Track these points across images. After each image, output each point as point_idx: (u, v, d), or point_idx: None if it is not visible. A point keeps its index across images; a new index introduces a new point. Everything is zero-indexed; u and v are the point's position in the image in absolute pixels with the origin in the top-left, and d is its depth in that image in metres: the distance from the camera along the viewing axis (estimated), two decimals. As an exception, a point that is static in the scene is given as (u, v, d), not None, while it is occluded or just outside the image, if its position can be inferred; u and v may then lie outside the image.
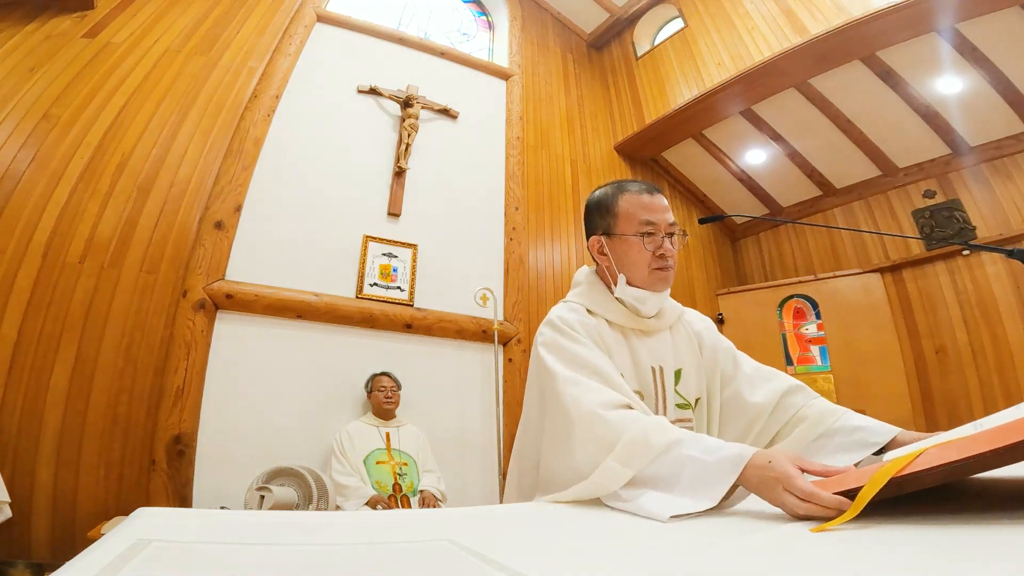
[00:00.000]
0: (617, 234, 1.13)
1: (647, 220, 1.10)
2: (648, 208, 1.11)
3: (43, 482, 2.53)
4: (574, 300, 1.18)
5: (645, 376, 1.10)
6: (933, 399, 4.11)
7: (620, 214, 1.13)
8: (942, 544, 0.42)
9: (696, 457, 0.76)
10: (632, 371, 1.09)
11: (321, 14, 4.11)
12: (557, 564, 0.48)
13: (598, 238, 1.17)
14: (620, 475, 0.79)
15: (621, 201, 1.13)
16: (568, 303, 1.17)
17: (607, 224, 1.15)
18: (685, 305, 1.31)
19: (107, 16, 3.46)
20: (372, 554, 0.49)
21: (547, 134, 4.90)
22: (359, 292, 3.50)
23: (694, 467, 0.75)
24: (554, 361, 0.99)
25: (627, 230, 1.12)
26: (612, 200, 1.15)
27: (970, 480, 0.60)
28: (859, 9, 3.68)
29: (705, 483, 0.72)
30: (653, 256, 1.11)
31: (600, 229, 1.17)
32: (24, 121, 2.98)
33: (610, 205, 1.15)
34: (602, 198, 1.18)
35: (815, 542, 0.48)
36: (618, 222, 1.13)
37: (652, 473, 0.78)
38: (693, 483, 0.73)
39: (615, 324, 1.13)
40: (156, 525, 0.54)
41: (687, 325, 1.24)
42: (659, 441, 0.80)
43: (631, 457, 0.80)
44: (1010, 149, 4.13)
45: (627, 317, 1.14)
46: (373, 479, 2.86)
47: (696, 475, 0.74)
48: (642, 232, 1.10)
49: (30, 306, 2.71)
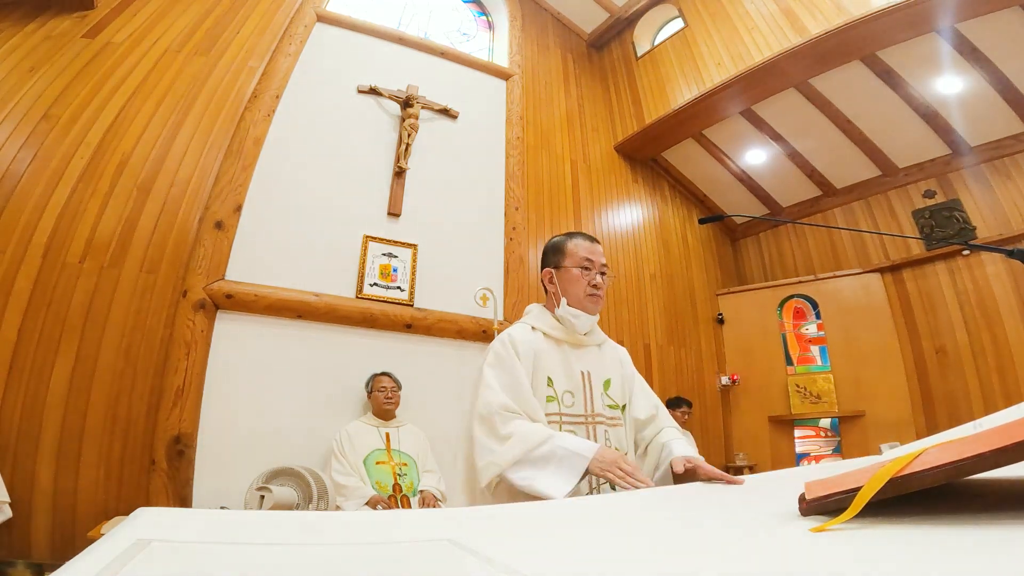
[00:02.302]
0: (564, 267, 1.49)
1: (586, 258, 1.48)
2: (589, 251, 1.49)
3: (43, 482, 2.53)
4: (523, 321, 1.52)
5: (575, 377, 1.43)
6: (933, 399, 4.11)
7: (567, 253, 1.50)
8: (942, 544, 0.42)
9: (562, 446, 1.19)
10: (563, 372, 1.42)
11: (321, 14, 4.11)
12: (557, 564, 0.48)
13: (549, 270, 1.52)
14: (511, 455, 1.20)
15: (569, 244, 1.51)
16: (519, 323, 1.52)
17: (557, 260, 1.51)
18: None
19: (107, 16, 3.46)
20: (372, 554, 0.49)
21: (547, 134, 4.90)
22: (359, 292, 3.50)
23: (561, 454, 1.18)
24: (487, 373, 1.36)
25: (571, 264, 1.48)
26: (563, 243, 1.52)
27: (970, 480, 0.60)
28: (859, 9, 3.68)
29: (570, 463, 1.17)
30: (588, 284, 1.46)
31: (551, 264, 1.52)
32: (24, 121, 2.98)
33: (561, 247, 1.52)
34: (557, 242, 1.54)
35: (815, 542, 0.48)
36: (565, 259, 1.50)
37: (535, 457, 1.19)
38: (561, 463, 1.17)
39: (551, 337, 1.46)
40: (156, 525, 0.54)
41: (613, 349, 1.59)
42: (539, 434, 1.22)
43: (519, 443, 1.21)
44: (1010, 149, 4.13)
45: (564, 332, 1.48)
46: (373, 479, 2.86)
47: (562, 459, 1.18)
48: (582, 266, 1.47)
49: (30, 306, 2.71)
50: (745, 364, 4.98)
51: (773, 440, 4.66)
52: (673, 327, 4.91)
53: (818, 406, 4.53)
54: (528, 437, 1.21)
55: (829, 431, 4.50)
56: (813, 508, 0.57)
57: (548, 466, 1.17)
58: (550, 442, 1.20)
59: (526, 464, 1.19)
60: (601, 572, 0.45)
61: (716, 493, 0.96)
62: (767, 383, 4.80)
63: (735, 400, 4.94)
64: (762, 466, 4.56)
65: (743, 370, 4.96)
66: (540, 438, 1.21)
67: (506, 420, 1.25)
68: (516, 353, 1.37)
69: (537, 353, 1.40)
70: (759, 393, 4.83)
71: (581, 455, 1.17)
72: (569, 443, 1.20)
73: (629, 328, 4.63)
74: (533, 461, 1.19)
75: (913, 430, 4.04)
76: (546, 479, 1.16)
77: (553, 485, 1.14)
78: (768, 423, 4.71)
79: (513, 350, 1.38)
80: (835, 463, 2.74)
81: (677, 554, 0.51)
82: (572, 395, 1.39)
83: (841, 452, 4.38)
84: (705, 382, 4.93)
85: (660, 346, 4.75)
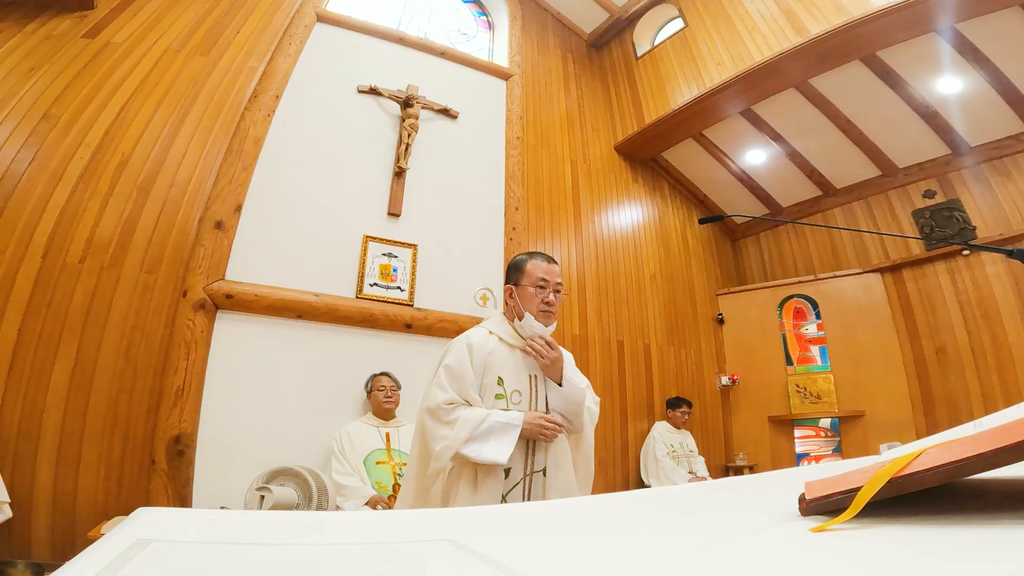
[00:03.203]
0: (522, 285, 1.72)
1: (542, 278, 1.71)
2: (545, 272, 1.71)
3: (43, 482, 2.53)
4: (483, 325, 1.76)
5: (523, 379, 1.67)
6: (933, 399, 4.11)
7: (525, 272, 1.73)
8: (942, 544, 0.42)
9: (498, 421, 1.53)
10: (513, 374, 1.66)
11: (321, 14, 4.11)
12: (557, 564, 0.48)
13: (510, 287, 1.75)
14: (462, 435, 1.50)
15: (528, 264, 1.74)
16: (479, 327, 1.75)
17: (516, 278, 1.74)
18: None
19: (107, 16, 3.46)
20: (372, 554, 0.49)
21: (547, 134, 4.90)
22: (359, 292, 3.50)
23: (498, 427, 1.52)
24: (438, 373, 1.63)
25: (527, 283, 1.71)
26: (523, 263, 1.75)
27: (970, 480, 0.60)
28: (859, 9, 3.68)
29: (507, 432, 1.51)
30: (541, 301, 1.70)
31: (512, 281, 1.75)
32: (24, 121, 2.98)
33: (521, 266, 1.75)
34: (517, 261, 1.77)
35: (815, 542, 0.48)
36: (523, 277, 1.73)
37: (479, 433, 1.51)
38: (500, 433, 1.51)
39: (506, 343, 1.70)
40: (156, 525, 0.54)
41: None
42: (479, 415, 1.54)
43: (464, 425, 1.52)
44: (1010, 149, 4.13)
45: (518, 340, 1.71)
46: (373, 479, 2.86)
47: (500, 430, 1.52)
48: (537, 285, 1.70)
49: (30, 306, 2.71)
50: (745, 364, 4.98)
51: (773, 440, 4.66)
52: (673, 327, 4.91)
53: (818, 406, 4.53)
54: (470, 419, 1.53)
55: (829, 431, 4.50)
56: (813, 508, 0.57)
57: (490, 438, 1.51)
58: (488, 419, 1.53)
59: (473, 440, 1.50)
60: (601, 572, 0.45)
61: (716, 493, 0.96)
62: (767, 383, 4.80)
63: (735, 400, 4.94)
64: (762, 466, 4.56)
65: (743, 370, 4.96)
66: (480, 417, 1.53)
67: (448, 411, 1.55)
68: (470, 356, 1.63)
69: (491, 355, 1.66)
70: (759, 393, 4.83)
71: (513, 424, 1.54)
72: (503, 417, 1.54)
73: (629, 328, 4.63)
74: (478, 437, 1.51)
75: (913, 430, 4.04)
76: (491, 448, 1.49)
77: (497, 451, 1.49)
78: (768, 423, 4.71)
79: (468, 354, 1.63)
80: (835, 463, 2.74)
81: (677, 553, 0.51)
82: (520, 394, 1.66)
83: (841, 452, 4.38)
84: (705, 382, 4.93)
85: (660, 346, 4.75)
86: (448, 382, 1.59)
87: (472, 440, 1.50)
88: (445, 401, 1.55)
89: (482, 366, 1.62)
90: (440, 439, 1.52)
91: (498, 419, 1.52)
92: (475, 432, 1.50)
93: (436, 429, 1.55)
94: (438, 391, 1.57)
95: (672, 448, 4.19)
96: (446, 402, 1.55)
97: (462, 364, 1.60)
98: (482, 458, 1.48)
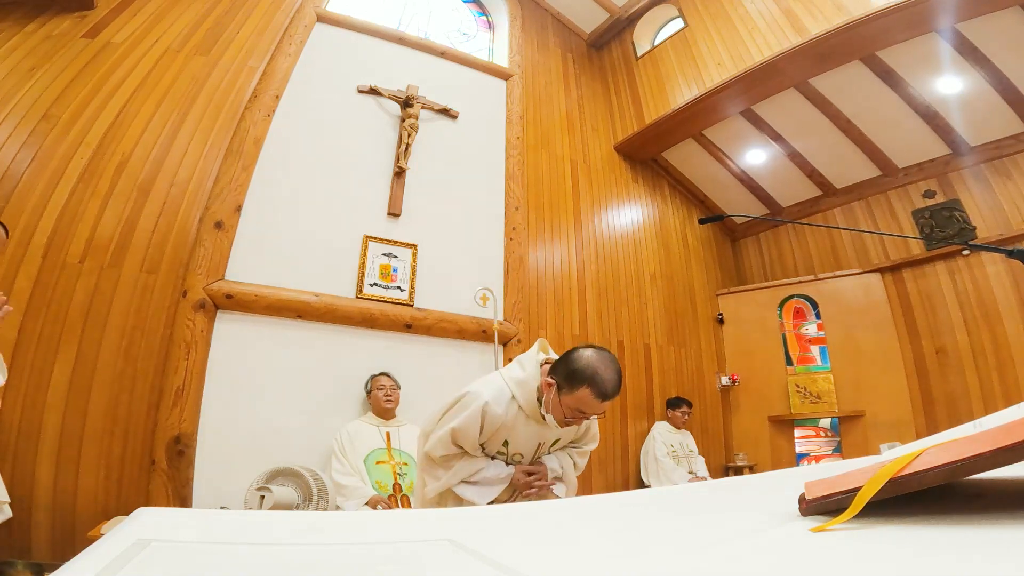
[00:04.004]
0: (564, 395, 1.57)
1: (583, 411, 1.57)
2: (593, 408, 1.55)
3: (43, 482, 2.53)
4: (511, 384, 1.70)
5: (531, 446, 1.74)
6: (933, 399, 4.11)
7: (575, 396, 1.54)
8: (942, 544, 0.42)
9: (486, 477, 1.69)
10: (522, 441, 1.71)
11: (321, 14, 4.11)
12: (557, 564, 0.48)
13: (554, 383, 1.59)
14: (452, 482, 1.67)
15: (581, 390, 1.53)
16: (504, 383, 1.71)
17: (565, 385, 1.56)
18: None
19: (107, 16, 3.46)
20: (372, 554, 0.49)
21: (547, 134, 4.90)
22: (359, 292, 3.50)
23: (485, 483, 1.68)
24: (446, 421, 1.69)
25: (569, 403, 1.57)
26: (579, 383, 1.53)
27: (970, 480, 0.60)
28: (859, 9, 3.68)
29: (491, 488, 1.68)
30: (565, 421, 1.63)
31: (560, 378, 1.57)
32: (24, 121, 2.98)
33: (576, 384, 1.53)
34: (578, 371, 1.53)
35: (815, 542, 0.48)
36: (570, 395, 1.55)
37: (470, 482, 1.68)
38: (488, 485, 1.68)
39: (523, 412, 1.69)
40: (156, 525, 0.54)
41: None
42: (474, 467, 1.68)
43: (456, 475, 1.67)
44: (1010, 149, 4.13)
45: (535, 414, 1.69)
46: (373, 479, 2.86)
47: (487, 485, 1.69)
48: (575, 413, 1.58)
49: (30, 306, 2.71)
50: (745, 364, 4.98)
51: (773, 440, 4.66)
52: (673, 327, 4.91)
53: (818, 406, 4.53)
54: (463, 470, 1.67)
55: (829, 431, 4.50)
56: (813, 508, 0.57)
57: (479, 486, 1.68)
58: (479, 474, 1.68)
59: (462, 486, 1.68)
60: (601, 571, 0.45)
61: (716, 493, 0.96)
62: (767, 383, 4.80)
63: (735, 400, 4.94)
64: (762, 466, 4.56)
65: (743, 370, 4.96)
66: (473, 470, 1.68)
67: (447, 460, 1.68)
68: (481, 424, 1.64)
69: (503, 424, 1.66)
70: (759, 393, 4.83)
71: (502, 479, 1.69)
72: (491, 474, 1.68)
73: (629, 328, 4.63)
74: (469, 484, 1.68)
75: (913, 430, 4.04)
76: (477, 496, 1.66)
77: (480, 497, 1.66)
78: (768, 423, 4.71)
79: (479, 422, 1.63)
80: (835, 463, 2.74)
81: (677, 553, 0.51)
82: (522, 456, 1.75)
83: (841, 452, 4.38)
84: (705, 382, 4.93)
85: (660, 346, 4.75)
86: (451, 441, 1.66)
87: (460, 486, 1.68)
88: (443, 457, 1.69)
89: (491, 432, 1.66)
90: (432, 479, 1.71)
91: (486, 475, 1.68)
92: (466, 479, 1.68)
93: (432, 470, 1.72)
94: (440, 447, 1.67)
95: (672, 448, 4.19)
96: (444, 457, 1.69)
97: (469, 432, 1.64)
98: (467, 498, 1.66)
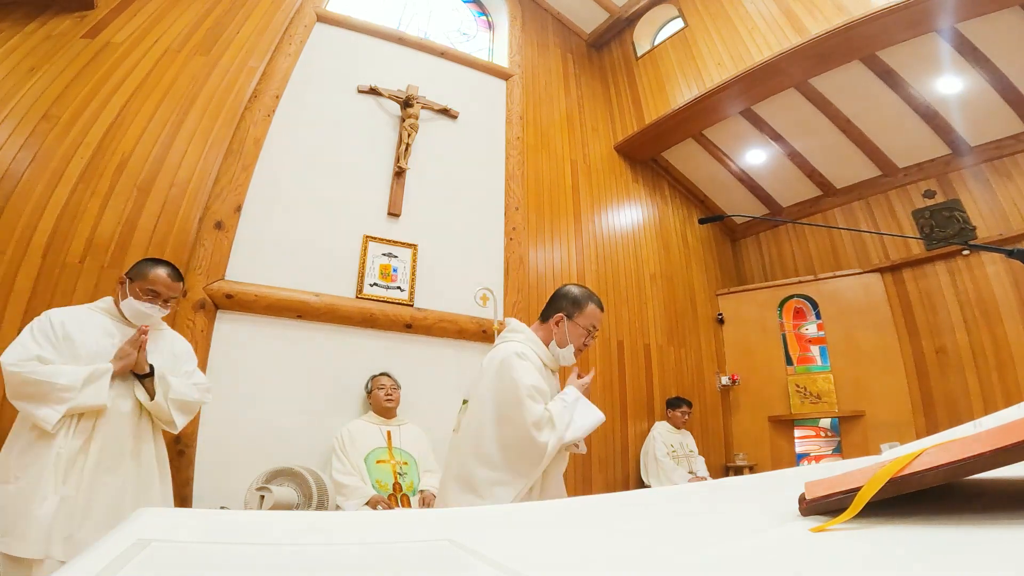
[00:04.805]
0: (575, 322, 1.84)
1: (595, 325, 1.86)
2: (599, 320, 1.88)
3: (43, 482, 2.52)
4: (526, 345, 1.83)
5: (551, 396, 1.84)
6: (933, 399, 4.11)
7: (585, 313, 1.85)
8: (942, 544, 0.42)
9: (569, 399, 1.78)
10: (548, 391, 1.81)
11: (321, 14, 4.11)
12: (557, 564, 0.48)
13: (562, 316, 1.85)
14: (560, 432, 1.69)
15: (588, 306, 1.86)
16: (524, 345, 1.83)
17: (572, 312, 1.85)
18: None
19: (107, 16, 3.46)
20: (372, 554, 0.49)
21: (547, 134, 4.90)
22: (359, 292, 3.50)
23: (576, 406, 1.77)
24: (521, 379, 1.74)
25: (582, 323, 1.84)
26: (583, 302, 1.86)
27: (970, 480, 0.60)
28: (859, 9, 3.68)
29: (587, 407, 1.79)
30: (583, 343, 1.85)
31: (565, 311, 1.85)
32: (24, 121, 2.98)
33: (580, 303, 1.86)
34: (577, 297, 1.87)
35: (815, 542, 0.48)
36: (580, 316, 1.84)
37: (568, 420, 1.72)
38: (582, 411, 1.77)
39: (541, 361, 1.84)
40: (156, 525, 0.54)
41: None
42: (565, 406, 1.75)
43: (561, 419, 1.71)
44: (1010, 149, 4.13)
45: (549, 361, 1.87)
46: (373, 478, 2.86)
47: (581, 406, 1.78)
48: (588, 328, 1.85)
49: (30, 306, 2.70)
50: (745, 364, 4.98)
51: (773, 440, 4.66)
52: (673, 327, 4.91)
53: (818, 406, 4.53)
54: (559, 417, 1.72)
55: (829, 431, 4.50)
56: (813, 508, 0.57)
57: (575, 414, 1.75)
58: (566, 410, 1.75)
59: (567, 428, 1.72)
60: (600, 571, 0.45)
61: (716, 493, 0.96)
62: (767, 383, 4.80)
63: (735, 400, 4.94)
64: (762, 466, 4.56)
65: (743, 370, 4.96)
66: (559, 411, 1.73)
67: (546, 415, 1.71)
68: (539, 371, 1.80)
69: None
70: (759, 393, 4.83)
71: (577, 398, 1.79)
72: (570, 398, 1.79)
73: (629, 328, 4.63)
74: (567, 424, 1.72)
75: (913, 430, 4.04)
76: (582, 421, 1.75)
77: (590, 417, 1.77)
78: (768, 423, 4.71)
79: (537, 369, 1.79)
80: (835, 463, 2.74)
81: (677, 553, 0.51)
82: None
83: (841, 452, 4.39)
84: (705, 382, 4.93)
85: (660, 346, 4.75)
86: (532, 398, 1.72)
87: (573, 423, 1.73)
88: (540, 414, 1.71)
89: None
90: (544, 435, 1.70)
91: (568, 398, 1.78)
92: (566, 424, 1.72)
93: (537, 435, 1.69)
94: (532, 409, 1.71)
95: (672, 448, 4.19)
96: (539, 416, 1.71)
97: (535, 377, 1.75)
98: (585, 429, 1.74)
